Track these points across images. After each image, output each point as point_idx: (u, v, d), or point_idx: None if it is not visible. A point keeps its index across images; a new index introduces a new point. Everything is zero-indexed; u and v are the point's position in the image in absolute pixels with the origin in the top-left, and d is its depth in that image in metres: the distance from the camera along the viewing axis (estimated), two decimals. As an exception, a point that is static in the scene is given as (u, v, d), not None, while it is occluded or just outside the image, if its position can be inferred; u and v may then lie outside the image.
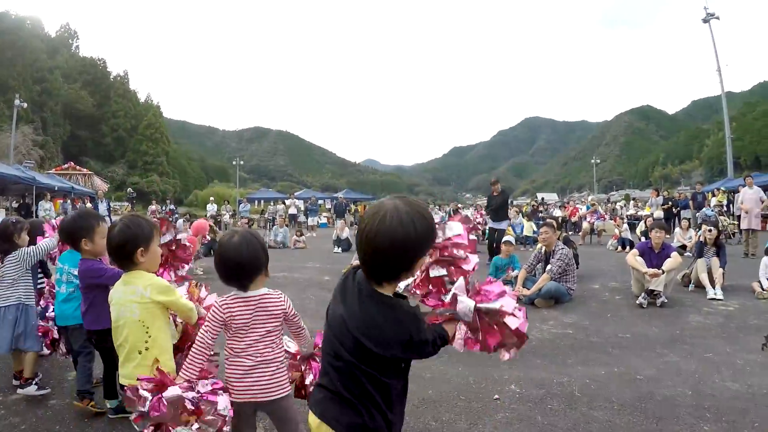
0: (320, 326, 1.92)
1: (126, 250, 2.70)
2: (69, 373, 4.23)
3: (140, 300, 2.66)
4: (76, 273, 3.48)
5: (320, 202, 33.71)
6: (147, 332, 2.66)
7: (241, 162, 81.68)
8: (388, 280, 1.70)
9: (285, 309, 2.44)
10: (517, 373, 4.38)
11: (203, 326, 2.41)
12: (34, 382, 3.86)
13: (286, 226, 19.72)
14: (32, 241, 4.28)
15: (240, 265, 2.35)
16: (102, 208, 19.93)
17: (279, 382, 2.38)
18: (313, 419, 1.75)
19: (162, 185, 68.75)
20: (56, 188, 19.14)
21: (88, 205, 20.70)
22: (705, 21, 37.38)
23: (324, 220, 29.78)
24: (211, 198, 30.01)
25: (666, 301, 7.07)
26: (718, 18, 37.77)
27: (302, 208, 28.41)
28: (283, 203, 28.88)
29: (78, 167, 30.04)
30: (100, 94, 73.56)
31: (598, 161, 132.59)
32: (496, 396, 3.87)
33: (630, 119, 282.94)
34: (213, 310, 2.38)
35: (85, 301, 3.30)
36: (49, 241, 4.16)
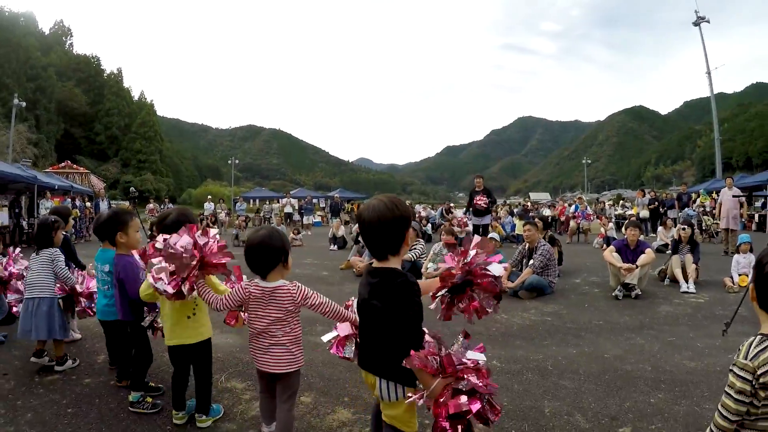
0: (324, 321, 2.49)
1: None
2: (99, 356, 4.73)
3: None
4: (106, 270, 3.91)
5: (315, 201, 33.98)
6: (195, 300, 3.18)
7: (236, 161, 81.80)
8: (392, 254, 2.28)
9: (295, 301, 2.78)
10: (498, 352, 4.91)
11: (228, 293, 2.88)
12: (67, 358, 4.44)
13: (283, 224, 20.03)
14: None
15: (261, 257, 2.80)
16: (103, 206, 20.22)
17: (290, 360, 2.82)
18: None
19: (155, 184, 68.68)
20: (56, 187, 19.41)
21: (87, 204, 21.00)
22: (695, 24, 38.10)
23: (318, 219, 30.12)
24: (209, 197, 30.25)
25: (640, 293, 7.60)
26: (708, 21, 38.48)
27: (296, 207, 28.79)
28: (278, 202, 29.30)
29: (75, 166, 30.22)
30: (94, 92, 73.13)
31: (590, 161, 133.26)
32: (480, 368, 4.34)
33: (623, 119, 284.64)
34: (238, 288, 2.84)
35: (121, 294, 3.68)
36: (68, 275, 4.45)
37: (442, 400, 2.14)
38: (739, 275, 8.37)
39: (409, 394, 2.23)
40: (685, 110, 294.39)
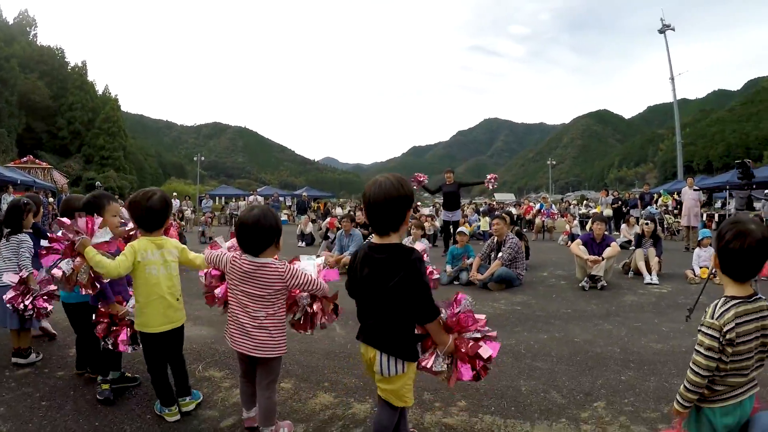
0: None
1: (165, 216, 3.24)
2: (70, 350, 4.53)
3: (174, 259, 3.25)
4: None
5: (281, 199, 33.77)
6: (178, 282, 3.25)
7: (203, 158, 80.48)
8: (394, 231, 2.41)
9: (283, 279, 2.77)
10: (471, 339, 4.98)
11: (215, 254, 3.00)
12: (32, 352, 4.29)
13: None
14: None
15: (254, 236, 2.79)
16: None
17: (272, 345, 2.80)
18: None
19: (119, 181, 66.98)
20: (19, 182, 18.96)
21: (50, 200, 20.52)
22: (661, 31, 39.24)
23: (284, 217, 29.88)
24: (174, 194, 29.81)
25: (606, 284, 7.86)
26: (673, 29, 39.67)
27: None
28: (245, 200, 29.07)
29: (37, 161, 29.52)
30: (57, 86, 70.15)
31: (555, 162, 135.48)
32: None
33: (587, 122, 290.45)
34: (230, 256, 2.90)
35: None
36: (27, 264, 4.26)
37: (464, 349, 2.48)
38: (700, 267, 8.70)
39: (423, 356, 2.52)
40: (648, 115, 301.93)
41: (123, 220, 3.82)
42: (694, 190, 14.69)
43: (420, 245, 8.74)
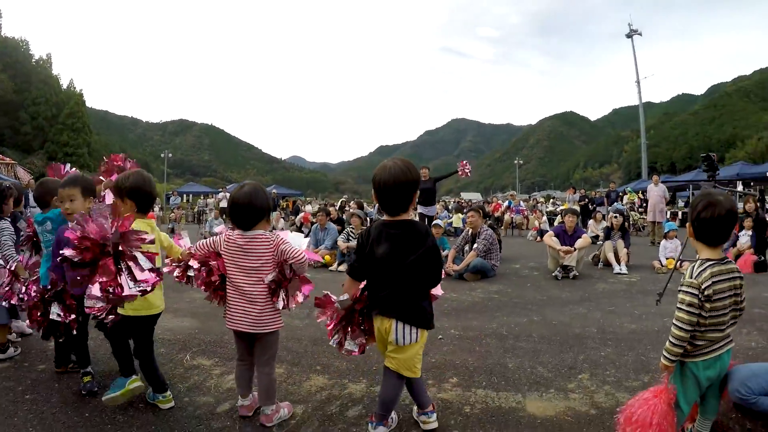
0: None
1: (155, 198, 3.27)
2: (50, 344, 4.20)
3: (164, 242, 3.29)
4: (48, 228, 3.53)
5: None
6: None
7: (170, 155, 79.17)
8: (403, 212, 2.62)
9: (271, 248, 2.82)
10: (454, 323, 5.19)
11: (204, 241, 3.03)
12: (9, 346, 4.06)
13: (221, 217, 19.80)
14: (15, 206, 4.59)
15: (246, 213, 2.84)
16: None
17: (268, 320, 2.87)
18: None
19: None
20: (-17, 178, 18.45)
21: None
22: (628, 36, 40.31)
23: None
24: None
25: (577, 274, 8.15)
26: (640, 34, 40.76)
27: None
28: (213, 197, 28.85)
29: (1, 156, 28.74)
30: (21, 79, 67.82)
31: (522, 162, 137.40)
32: (440, 336, 4.63)
33: (554, 124, 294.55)
34: (220, 237, 2.94)
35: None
36: (11, 253, 4.01)
37: None
38: (667, 258, 9.04)
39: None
40: (613, 117, 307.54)
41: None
42: (659, 186, 15.18)
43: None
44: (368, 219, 20.22)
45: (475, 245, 8.29)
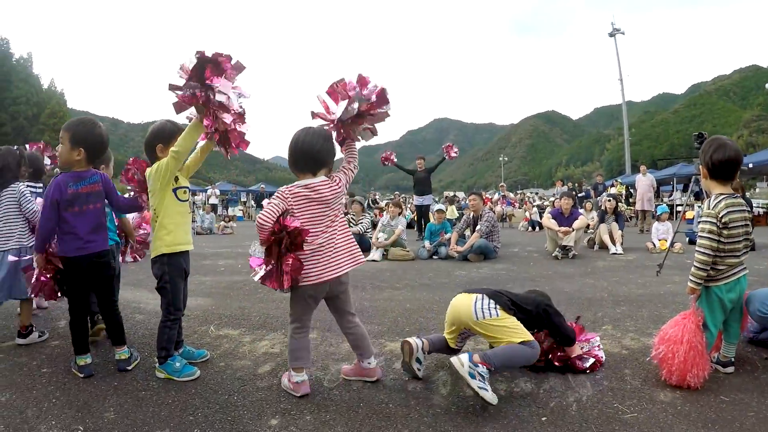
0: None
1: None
2: (60, 321, 4.31)
3: (150, 188, 3.10)
4: None
5: (239, 193, 33.48)
6: (155, 213, 3.06)
7: (148, 158, 77.66)
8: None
9: (335, 190, 2.79)
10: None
11: (270, 203, 2.74)
12: (33, 330, 3.79)
13: (212, 213, 19.76)
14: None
15: (312, 154, 2.79)
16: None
17: (355, 256, 2.82)
18: None
19: (63, 181, 64.17)
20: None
21: None
22: (611, 35, 40.83)
23: (240, 214, 29.40)
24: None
25: (576, 254, 8.43)
26: (623, 33, 41.28)
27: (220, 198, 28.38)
28: (200, 195, 28.83)
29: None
30: (1, 78, 66.06)
31: (506, 159, 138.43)
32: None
33: (536, 123, 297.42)
34: (285, 195, 2.73)
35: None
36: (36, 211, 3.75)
37: None
38: (660, 240, 9.32)
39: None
40: (594, 116, 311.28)
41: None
42: (647, 175, 15.55)
43: (399, 225, 9.11)
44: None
45: (478, 227, 8.48)
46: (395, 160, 12.17)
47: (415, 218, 13.03)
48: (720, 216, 2.69)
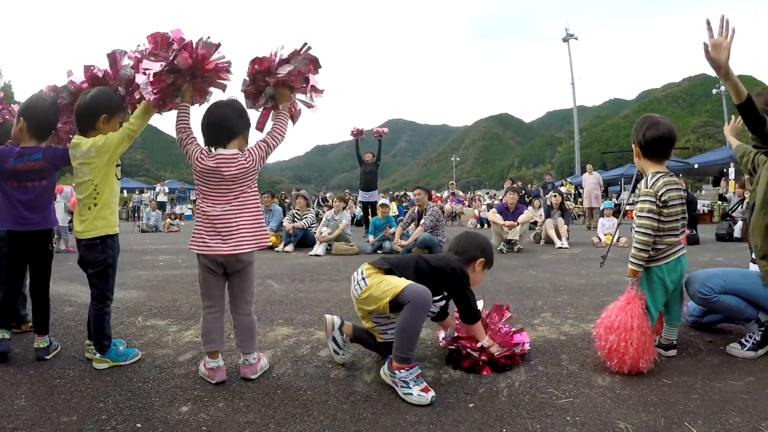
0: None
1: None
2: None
3: (87, 161, 2.83)
4: None
5: (187, 191, 32.66)
6: (95, 189, 2.84)
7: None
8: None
9: (245, 166, 2.61)
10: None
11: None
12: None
13: (158, 210, 19.25)
14: None
15: (222, 123, 2.68)
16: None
17: (254, 238, 2.61)
18: None
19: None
20: None
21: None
22: (565, 40, 41.61)
23: (189, 212, 28.71)
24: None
25: (521, 248, 8.49)
26: (576, 39, 42.14)
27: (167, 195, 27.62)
28: (149, 192, 28.08)
29: None
30: None
31: (458, 159, 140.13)
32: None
33: (489, 125, 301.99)
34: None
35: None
36: None
37: None
38: (605, 234, 9.45)
39: None
40: (547, 119, 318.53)
41: None
42: (594, 174, 15.87)
43: (343, 219, 8.97)
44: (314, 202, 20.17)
45: (422, 221, 8.39)
46: (363, 136, 12.15)
47: (363, 215, 12.91)
48: (659, 194, 2.61)
